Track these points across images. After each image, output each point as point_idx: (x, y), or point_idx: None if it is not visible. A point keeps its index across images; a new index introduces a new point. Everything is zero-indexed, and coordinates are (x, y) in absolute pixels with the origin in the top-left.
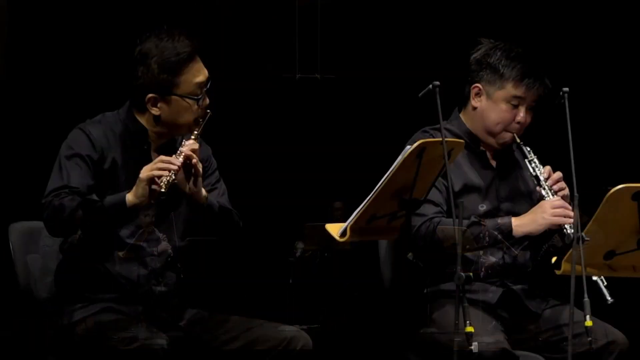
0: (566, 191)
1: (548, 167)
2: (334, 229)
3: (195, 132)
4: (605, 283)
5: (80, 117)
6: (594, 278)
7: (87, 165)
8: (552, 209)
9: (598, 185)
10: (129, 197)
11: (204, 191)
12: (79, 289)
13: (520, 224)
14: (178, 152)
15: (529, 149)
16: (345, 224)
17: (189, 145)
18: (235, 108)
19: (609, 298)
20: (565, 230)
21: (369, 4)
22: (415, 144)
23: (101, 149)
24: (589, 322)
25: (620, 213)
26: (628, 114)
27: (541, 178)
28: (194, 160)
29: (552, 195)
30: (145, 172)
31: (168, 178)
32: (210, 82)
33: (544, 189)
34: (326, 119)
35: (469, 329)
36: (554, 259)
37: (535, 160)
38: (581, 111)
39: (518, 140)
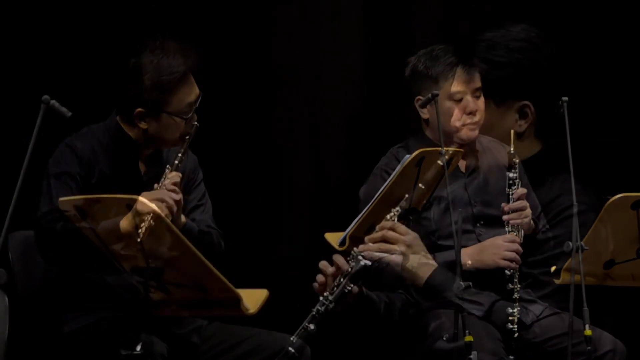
0: (524, 221)
1: (520, 192)
2: (333, 238)
3: (180, 156)
4: None
5: (79, 124)
6: None
7: (75, 183)
8: (504, 251)
9: (597, 194)
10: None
11: (183, 217)
12: (78, 298)
13: (469, 255)
14: (160, 184)
15: (517, 162)
16: (345, 232)
17: (170, 178)
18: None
19: None
20: (506, 274)
21: None
22: (415, 153)
23: (88, 163)
24: (588, 332)
25: (620, 222)
26: (627, 123)
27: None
28: (178, 197)
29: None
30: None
31: (146, 224)
32: (200, 99)
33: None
34: None
35: (468, 338)
36: (553, 268)
37: (517, 180)
38: (580, 120)
39: (517, 160)
